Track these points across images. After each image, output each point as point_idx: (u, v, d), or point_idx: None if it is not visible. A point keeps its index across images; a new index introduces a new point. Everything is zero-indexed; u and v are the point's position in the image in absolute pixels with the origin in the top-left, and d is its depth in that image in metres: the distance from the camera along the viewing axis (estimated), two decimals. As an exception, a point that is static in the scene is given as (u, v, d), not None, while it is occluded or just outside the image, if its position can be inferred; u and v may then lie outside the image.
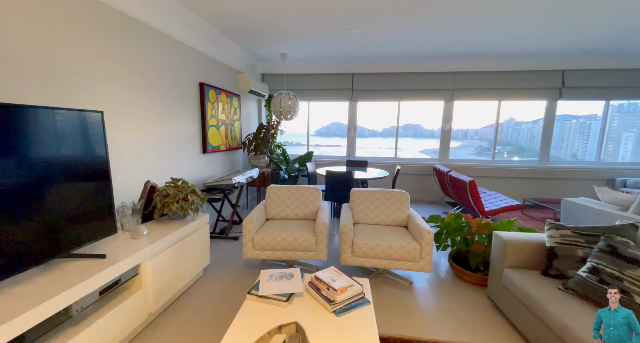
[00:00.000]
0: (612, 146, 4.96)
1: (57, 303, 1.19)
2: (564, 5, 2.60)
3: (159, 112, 2.58)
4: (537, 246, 1.82)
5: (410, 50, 4.06)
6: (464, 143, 5.46)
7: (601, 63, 4.40)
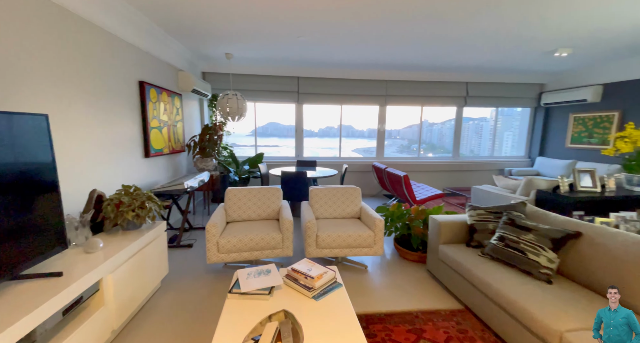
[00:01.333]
0: (498, 143, 6.34)
1: (21, 328, 1.06)
2: (468, 39, 3.29)
3: (95, 113, 2.31)
4: (461, 224, 2.33)
5: (353, 59, 4.45)
6: (389, 142, 6.17)
7: (495, 78, 5.59)
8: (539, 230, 1.82)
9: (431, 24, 2.99)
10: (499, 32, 3.21)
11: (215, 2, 2.52)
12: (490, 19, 2.84)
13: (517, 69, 5.14)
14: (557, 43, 3.61)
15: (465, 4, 2.52)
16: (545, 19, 2.83)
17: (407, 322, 1.90)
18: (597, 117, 4.85)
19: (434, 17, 2.81)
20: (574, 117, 5.24)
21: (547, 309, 1.44)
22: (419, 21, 2.91)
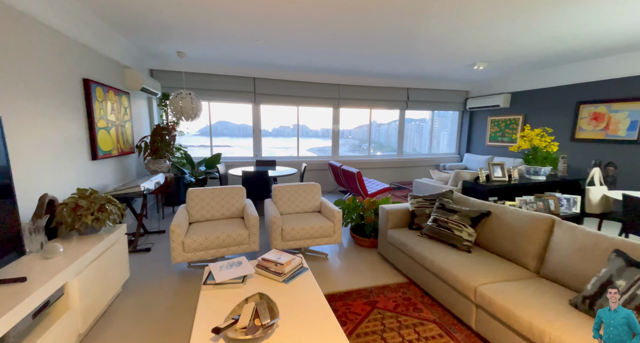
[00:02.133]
0: (436, 141, 7.24)
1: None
2: (408, 53, 3.79)
3: (35, 114, 2.14)
4: (405, 211, 2.75)
5: (309, 63, 4.69)
6: (342, 141, 6.53)
7: (430, 85, 6.37)
8: (461, 212, 2.29)
9: (378, 41, 3.39)
10: (432, 49, 3.77)
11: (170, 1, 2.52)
12: (425, 38, 3.34)
13: (448, 78, 5.96)
14: (475, 58, 4.35)
15: (405, 27, 2.95)
16: (467, 39, 3.44)
17: (363, 297, 2.22)
18: (507, 120, 5.91)
19: (380, 37, 3.20)
20: (491, 119, 6.28)
21: (467, 272, 1.87)
22: (368, 39, 3.28)
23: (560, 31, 3.17)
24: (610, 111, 4.36)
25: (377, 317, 1.98)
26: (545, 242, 1.90)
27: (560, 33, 3.23)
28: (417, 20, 2.85)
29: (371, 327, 1.88)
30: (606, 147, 4.41)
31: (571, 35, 3.31)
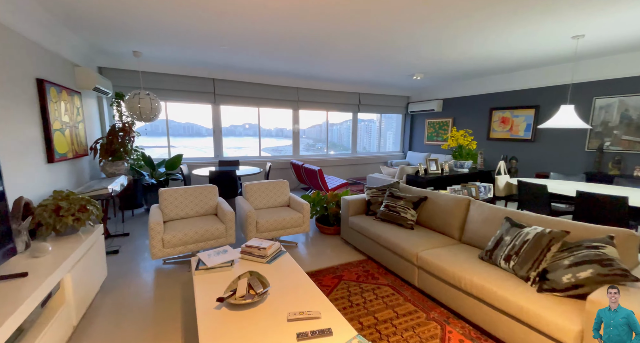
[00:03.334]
0: (383, 141, 8.08)
1: (16, 318, 1.19)
2: (359, 63, 4.33)
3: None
4: (362, 201, 3.25)
5: (269, 67, 4.94)
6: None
7: (378, 90, 7.12)
8: (406, 198, 2.86)
9: (332, 51, 3.84)
10: (380, 62, 4.38)
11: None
12: (375, 54, 3.90)
13: (393, 85, 6.77)
14: (414, 70, 5.12)
15: (358, 46, 3.45)
16: (408, 55, 4.11)
17: (331, 273, 2.63)
18: (441, 122, 6.96)
19: (335, 49, 3.65)
20: (428, 122, 7.30)
21: (410, 243, 2.40)
22: (325, 50, 3.70)
23: (472, 53, 4.02)
24: (513, 116, 5.53)
25: (344, 286, 2.42)
26: (464, 217, 2.54)
27: (473, 55, 4.09)
28: (368, 40, 3.38)
29: (340, 294, 2.30)
30: (511, 144, 5.59)
31: (482, 56, 4.20)
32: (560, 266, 1.64)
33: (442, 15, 2.71)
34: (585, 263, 1.55)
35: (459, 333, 1.85)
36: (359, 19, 2.81)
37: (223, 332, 1.37)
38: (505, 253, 1.91)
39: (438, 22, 2.87)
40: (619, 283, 1.45)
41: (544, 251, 1.75)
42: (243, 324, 1.43)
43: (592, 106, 4.47)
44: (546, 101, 5.03)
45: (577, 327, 1.37)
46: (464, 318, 2.00)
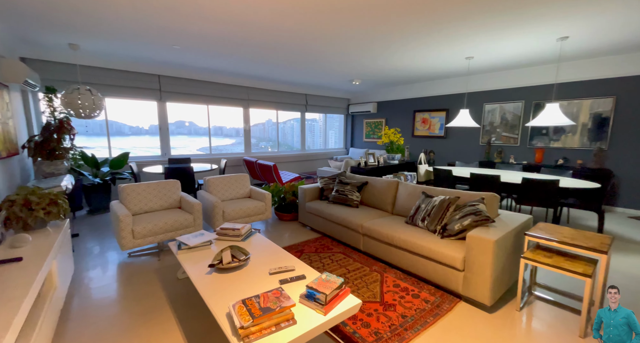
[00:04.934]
0: (325, 139, 8.81)
1: (31, 298, 1.36)
2: (306, 68, 4.86)
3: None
4: (316, 189, 3.79)
5: (220, 66, 5.09)
6: (237, 140, 6.78)
7: (323, 93, 7.78)
8: (352, 183, 3.50)
9: (282, 57, 4.28)
10: (324, 67, 4.98)
11: None
12: (318, 60, 4.47)
13: (336, 89, 7.51)
14: (353, 76, 5.89)
15: (303, 55, 3.96)
16: (346, 65, 4.79)
17: (293, 249, 3.10)
18: (376, 122, 7.99)
19: (284, 56, 4.10)
20: (365, 121, 8.29)
21: (357, 218, 3.03)
22: (276, 55, 4.12)
23: (398, 66, 4.93)
24: (430, 117, 6.78)
25: (305, 257, 2.91)
26: (394, 195, 3.29)
27: (399, 67, 5.01)
28: (309, 50, 3.92)
29: (303, 262, 2.79)
30: (430, 141, 6.85)
31: (405, 69, 5.16)
32: (454, 220, 2.43)
33: (371, 39, 3.42)
34: (467, 215, 2.36)
35: (392, 277, 2.52)
36: (305, 32, 3.33)
37: (219, 287, 1.73)
38: (421, 216, 2.67)
39: (367, 42, 3.58)
40: (485, 225, 2.28)
41: (444, 212, 2.53)
42: (234, 281, 1.81)
43: (482, 110, 5.88)
44: (453, 105, 6.35)
45: (462, 255, 2.13)
46: (396, 266, 2.69)
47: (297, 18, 2.89)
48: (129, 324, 1.91)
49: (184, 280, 2.47)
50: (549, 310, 2.09)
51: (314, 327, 1.40)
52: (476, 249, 2.06)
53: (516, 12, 2.79)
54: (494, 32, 3.33)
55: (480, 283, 2.05)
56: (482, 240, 2.03)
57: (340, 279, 1.65)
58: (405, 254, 2.53)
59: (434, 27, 3.18)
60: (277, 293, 1.55)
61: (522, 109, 5.37)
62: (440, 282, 2.29)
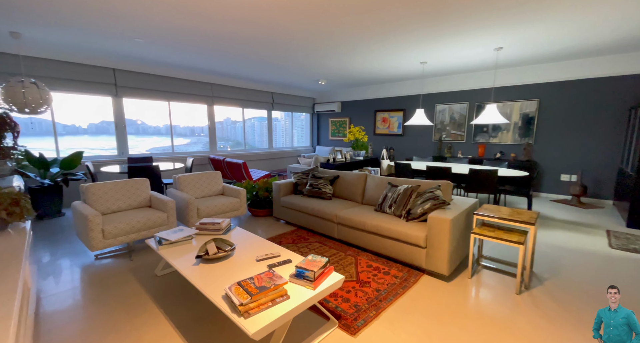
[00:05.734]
0: (289, 137, 8.92)
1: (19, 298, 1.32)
2: (272, 67, 4.96)
3: None
4: (290, 184, 3.93)
5: (183, 61, 4.93)
6: (194, 139, 6.43)
7: (290, 92, 7.88)
8: (324, 177, 3.72)
9: (251, 53, 4.33)
10: (290, 67, 5.12)
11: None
12: (286, 61, 4.60)
13: (302, 88, 7.67)
14: (319, 77, 6.12)
15: (271, 55, 4.06)
16: (312, 66, 5.00)
17: (272, 241, 3.21)
18: (340, 121, 8.34)
19: (254, 53, 4.16)
20: (331, 120, 8.60)
21: (331, 208, 3.24)
22: (246, 52, 4.15)
23: (360, 67, 5.28)
24: (390, 117, 7.31)
25: (284, 247, 3.05)
26: (363, 186, 3.58)
27: (360, 68, 5.36)
28: (276, 49, 4.05)
29: (283, 252, 2.92)
30: (390, 138, 7.38)
31: (366, 71, 5.53)
32: (416, 205, 2.77)
33: (337, 41, 3.67)
34: (427, 200, 2.71)
35: (365, 259, 2.79)
36: (277, 29, 3.45)
37: (209, 276, 1.80)
38: (388, 204, 2.98)
39: (333, 43, 3.82)
40: (442, 208, 2.65)
41: (408, 198, 2.87)
42: (223, 269, 1.89)
43: (434, 110, 6.53)
44: (409, 105, 6.94)
45: (424, 234, 2.47)
46: (368, 250, 2.97)
47: (270, 14, 3.01)
48: (115, 321, 1.87)
49: (165, 276, 2.45)
50: (492, 276, 2.52)
51: (306, 300, 1.57)
52: (435, 228, 2.40)
53: (461, 24, 3.24)
54: (443, 41, 3.79)
55: (440, 257, 2.40)
56: (440, 219, 2.38)
57: (324, 259, 1.84)
58: (375, 238, 2.81)
59: (392, 34, 3.52)
60: (270, 274, 1.69)
61: (467, 110, 6.10)
62: (407, 260, 2.61)
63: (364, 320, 1.91)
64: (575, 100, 4.94)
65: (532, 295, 2.22)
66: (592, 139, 4.86)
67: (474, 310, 2.04)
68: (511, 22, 3.14)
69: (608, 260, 2.79)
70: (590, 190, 4.93)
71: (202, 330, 1.82)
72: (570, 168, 5.09)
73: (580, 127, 4.94)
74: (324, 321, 1.90)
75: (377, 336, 1.77)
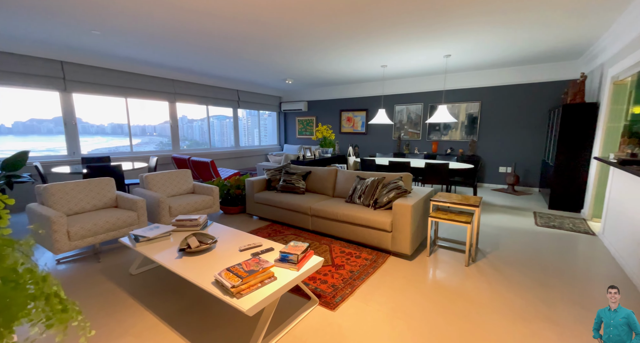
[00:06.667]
0: (251, 136, 8.87)
1: None
2: (239, 65, 4.98)
3: None
4: (263, 180, 4.02)
5: (146, 56, 4.70)
6: (145, 139, 6.01)
7: (257, 90, 7.85)
8: (297, 173, 3.88)
9: (217, 51, 4.32)
10: (258, 65, 5.17)
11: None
12: (253, 59, 4.66)
13: (269, 86, 7.71)
14: (286, 76, 6.25)
15: (237, 52, 4.11)
16: (279, 65, 5.12)
17: (247, 236, 3.30)
18: (307, 120, 8.55)
19: (219, 51, 4.16)
20: (298, 119, 8.76)
21: (305, 202, 3.42)
22: (210, 48, 4.13)
23: (326, 68, 5.54)
24: (354, 116, 7.70)
25: (261, 241, 3.16)
26: (334, 181, 3.82)
27: (326, 69, 5.62)
28: (245, 48, 4.12)
29: (260, 245, 3.03)
30: (355, 136, 7.77)
31: (331, 72, 5.81)
32: (382, 194, 3.08)
33: (299, 46, 3.86)
34: (392, 190, 3.04)
35: (339, 246, 3.03)
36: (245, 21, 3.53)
37: (195, 267, 1.87)
38: (358, 195, 3.25)
39: (297, 49, 4.01)
40: (404, 196, 2.99)
41: (375, 189, 3.17)
42: (207, 260, 1.97)
43: (394, 110, 7.05)
44: (371, 105, 7.39)
45: (390, 219, 2.77)
46: (341, 238, 3.22)
47: (236, 9, 3.08)
48: (94, 318, 1.84)
49: (141, 274, 2.42)
50: (446, 254, 2.93)
51: (292, 279, 1.74)
52: (399, 213, 2.72)
53: (415, 33, 3.64)
54: (400, 46, 4.19)
55: (403, 239, 2.73)
56: (403, 206, 2.70)
57: (305, 244, 2.03)
58: (347, 226, 3.07)
59: (354, 39, 3.82)
60: (256, 260, 1.82)
61: (422, 110, 6.70)
62: (375, 244, 2.90)
63: (341, 297, 2.14)
64: (509, 102, 5.75)
65: (478, 266, 2.64)
66: (523, 136, 5.71)
67: (432, 281, 2.38)
68: (457, 33, 3.61)
69: (534, 235, 3.39)
70: (522, 180, 5.79)
71: (188, 319, 1.88)
72: (506, 161, 5.92)
73: (514, 126, 5.77)
74: (306, 301, 2.08)
75: (353, 309, 2.00)
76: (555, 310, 1.98)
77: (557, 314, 1.94)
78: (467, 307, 2.03)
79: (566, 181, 4.29)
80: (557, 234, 3.42)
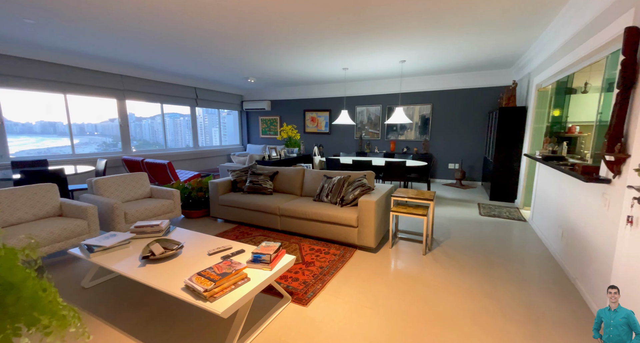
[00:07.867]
0: (209, 136, 8.49)
1: None
2: (199, 61, 4.78)
3: None
4: (228, 182, 3.92)
5: (88, 48, 4.24)
6: (85, 139, 5.48)
7: (217, 88, 7.54)
8: (264, 173, 3.86)
9: (171, 45, 4.10)
10: (222, 62, 5.01)
11: None
12: (216, 55, 4.51)
13: (230, 85, 7.46)
14: (249, 74, 6.13)
15: (201, 46, 3.96)
16: (242, 63, 5.02)
17: (214, 240, 3.21)
18: (271, 119, 8.47)
19: (179, 45, 3.96)
20: (261, 119, 8.63)
21: (273, 202, 3.43)
22: (170, 43, 3.91)
23: (289, 68, 5.57)
24: (318, 116, 7.84)
25: (228, 244, 3.10)
26: (302, 180, 3.88)
27: (289, 69, 5.65)
28: (211, 44, 3.99)
29: (228, 248, 2.98)
30: (319, 136, 7.91)
31: (296, 72, 5.85)
32: (348, 192, 3.23)
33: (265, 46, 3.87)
34: (357, 188, 3.20)
35: (308, 244, 3.11)
36: (203, 21, 3.42)
37: (160, 274, 1.80)
38: (325, 193, 3.36)
39: (256, 48, 4.01)
40: (368, 193, 3.17)
41: (342, 187, 3.31)
42: (174, 266, 1.91)
43: (355, 111, 7.34)
44: (334, 106, 7.59)
45: (355, 215, 2.93)
46: (309, 236, 3.30)
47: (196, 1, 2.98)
48: (39, 342, 1.67)
49: (95, 287, 2.23)
50: (406, 244, 3.18)
51: (265, 279, 1.78)
52: (364, 209, 2.89)
53: (372, 39, 3.86)
54: (359, 51, 4.40)
55: (368, 234, 2.90)
56: (367, 202, 2.88)
57: (277, 243, 2.06)
58: (316, 224, 3.16)
59: (317, 43, 3.92)
60: (228, 263, 1.82)
61: (381, 111, 7.08)
62: (342, 239, 3.04)
63: (313, 292, 2.22)
64: (456, 105, 6.36)
65: (433, 254, 2.93)
66: (468, 135, 6.36)
67: (395, 270, 2.59)
68: (410, 41, 3.91)
69: (479, 224, 3.84)
70: (468, 175, 6.46)
71: (156, 329, 1.81)
72: (454, 158, 6.54)
73: (460, 126, 6.40)
74: (279, 299, 2.12)
75: (325, 303, 2.10)
76: (496, 288, 2.30)
77: (498, 291, 2.26)
78: (425, 290, 2.26)
79: (503, 175, 4.91)
80: (497, 222, 3.91)
